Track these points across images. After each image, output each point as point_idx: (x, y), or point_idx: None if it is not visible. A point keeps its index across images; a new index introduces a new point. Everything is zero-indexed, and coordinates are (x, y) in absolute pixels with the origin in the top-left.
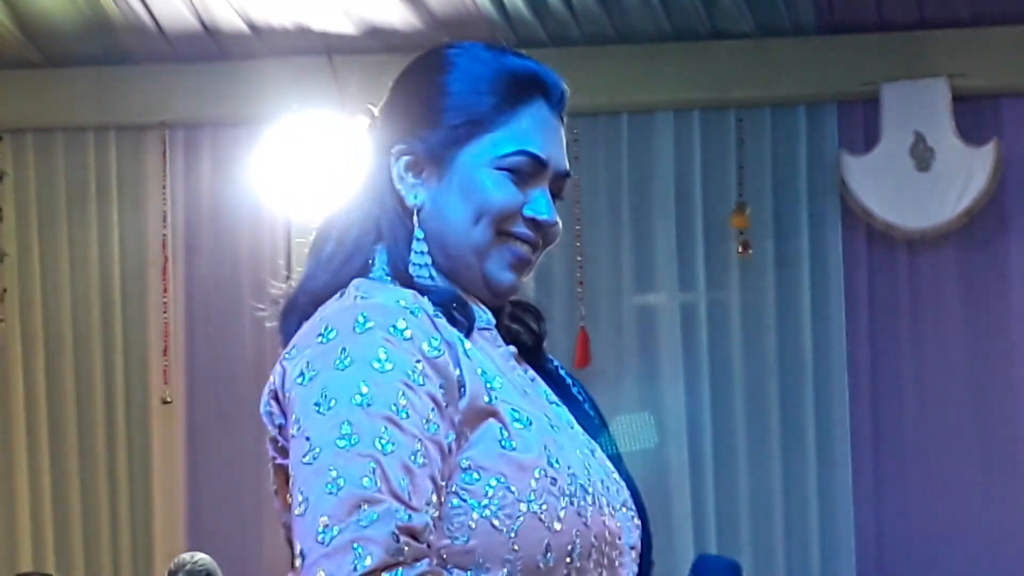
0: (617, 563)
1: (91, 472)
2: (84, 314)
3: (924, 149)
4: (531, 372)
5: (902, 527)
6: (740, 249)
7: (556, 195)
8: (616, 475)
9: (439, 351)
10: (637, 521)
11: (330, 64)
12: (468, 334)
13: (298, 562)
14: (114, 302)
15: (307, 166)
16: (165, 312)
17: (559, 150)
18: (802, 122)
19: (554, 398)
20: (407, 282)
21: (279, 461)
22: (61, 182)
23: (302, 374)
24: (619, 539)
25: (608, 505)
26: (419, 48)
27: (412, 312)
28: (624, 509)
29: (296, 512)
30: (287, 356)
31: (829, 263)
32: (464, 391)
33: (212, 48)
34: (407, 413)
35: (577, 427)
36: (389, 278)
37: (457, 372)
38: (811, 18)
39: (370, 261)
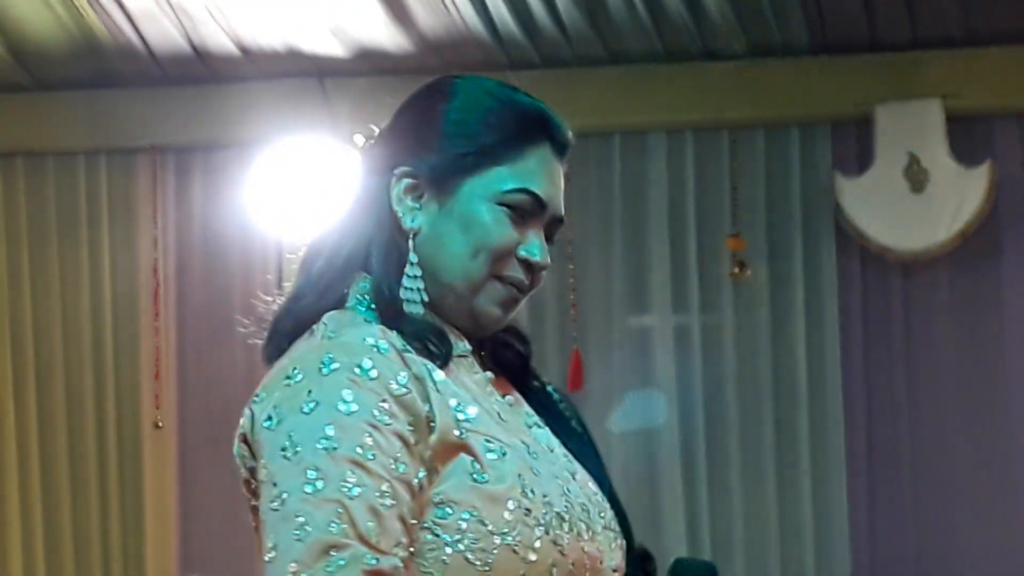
0: None
1: (82, 496)
2: (75, 338)
3: (918, 170)
4: (511, 396)
5: (897, 548)
6: (736, 270)
7: (548, 238)
8: (599, 496)
9: (407, 389)
10: (620, 541)
11: (321, 87)
12: (444, 364)
13: None
14: (105, 326)
15: (299, 189)
16: (156, 336)
17: (559, 195)
18: (795, 143)
19: (536, 420)
20: (388, 308)
21: (253, 503)
22: (52, 206)
23: (270, 418)
24: (600, 563)
25: (588, 530)
26: (410, 71)
27: (379, 349)
28: (606, 531)
29: (266, 558)
30: (255, 399)
31: (823, 285)
32: (434, 426)
33: (203, 71)
34: (373, 455)
35: (558, 450)
36: (364, 308)
37: (426, 408)
38: (804, 39)
39: (345, 291)
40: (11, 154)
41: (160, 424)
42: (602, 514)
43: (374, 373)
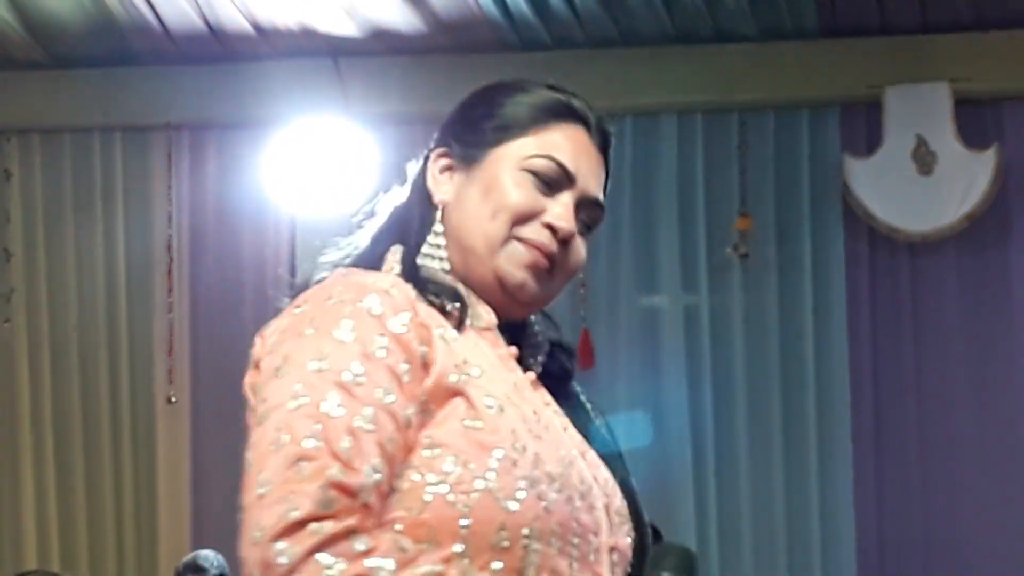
0: (591, 558)
1: (96, 471)
2: (90, 314)
3: (926, 153)
4: (532, 376)
5: (904, 530)
6: (734, 249)
7: (590, 226)
8: (610, 484)
9: (406, 328)
10: (629, 529)
11: (335, 66)
12: (459, 327)
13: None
14: (119, 302)
15: (312, 168)
16: (170, 312)
17: (592, 175)
18: (805, 125)
19: (556, 408)
20: (414, 274)
21: None
22: (67, 183)
23: (273, 343)
24: (594, 535)
25: (583, 500)
26: (424, 51)
27: (388, 292)
28: (611, 514)
29: (245, 470)
30: (266, 328)
31: (831, 266)
32: (432, 369)
33: (217, 49)
34: (361, 380)
35: (574, 434)
36: (395, 274)
37: (424, 350)
38: (814, 21)
39: (385, 256)
40: (27, 131)
41: (173, 399)
42: (608, 497)
43: (377, 311)
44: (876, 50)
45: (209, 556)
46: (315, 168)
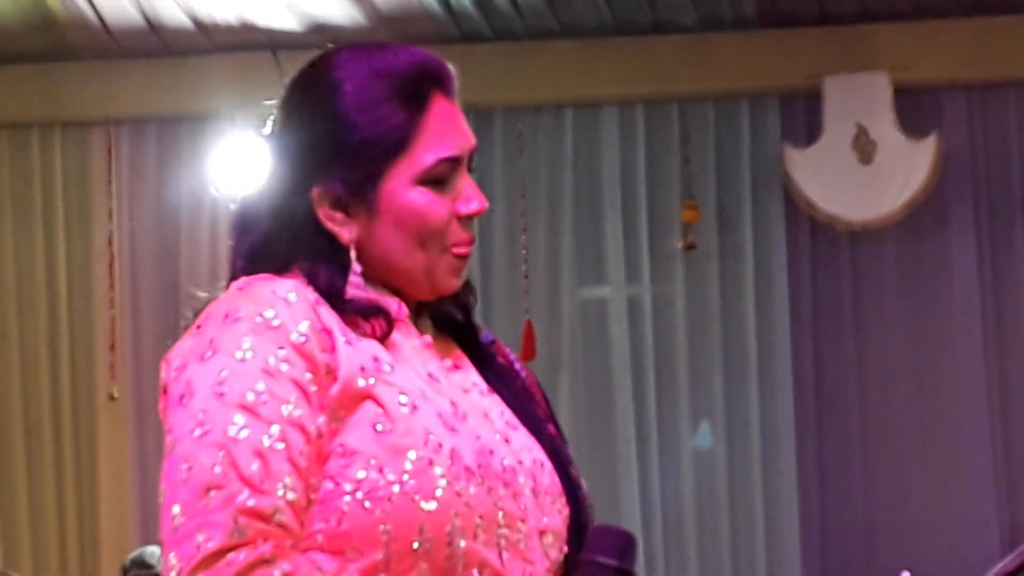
0: (522, 545)
1: (37, 468)
2: (30, 310)
3: (866, 142)
4: (450, 361)
5: (846, 513)
6: (682, 243)
7: (469, 170)
8: (538, 463)
9: (305, 337)
10: (560, 507)
11: (274, 60)
12: (386, 337)
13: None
14: (60, 298)
15: (252, 162)
16: (112, 307)
17: (466, 134)
18: (745, 115)
19: (481, 388)
20: (329, 294)
21: None
22: (6, 179)
23: (176, 368)
24: (521, 522)
25: (507, 488)
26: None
27: (287, 300)
28: (541, 495)
29: (159, 500)
30: (170, 351)
31: (772, 255)
32: (338, 375)
33: (156, 44)
34: (264, 399)
35: (498, 416)
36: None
37: (326, 357)
38: (753, 11)
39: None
40: None
41: (115, 395)
42: (537, 478)
43: (276, 322)
44: (815, 40)
45: (156, 552)
46: (256, 162)
